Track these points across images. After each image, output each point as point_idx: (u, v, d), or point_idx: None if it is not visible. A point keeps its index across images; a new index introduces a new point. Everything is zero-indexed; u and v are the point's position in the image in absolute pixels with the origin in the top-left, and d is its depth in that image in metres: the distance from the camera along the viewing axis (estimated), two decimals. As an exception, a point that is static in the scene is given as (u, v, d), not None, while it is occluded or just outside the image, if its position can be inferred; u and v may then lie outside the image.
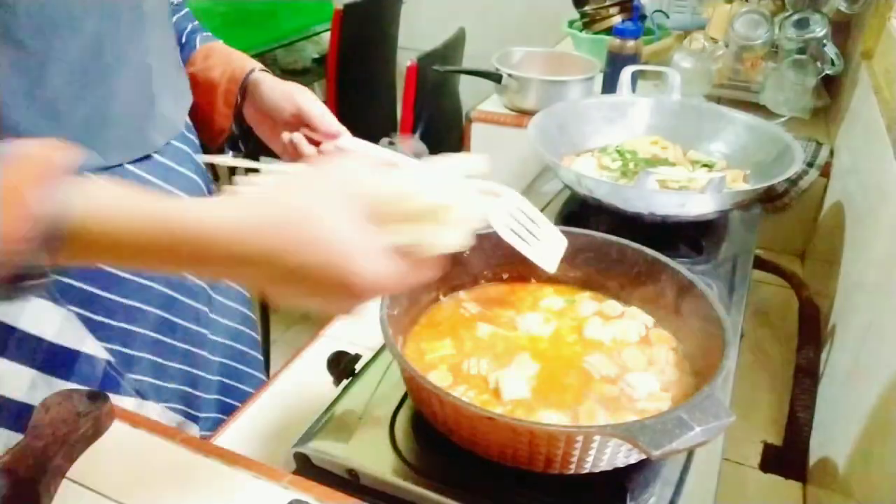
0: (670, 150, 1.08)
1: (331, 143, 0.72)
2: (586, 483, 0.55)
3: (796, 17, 1.32)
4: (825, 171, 1.20)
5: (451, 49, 1.93)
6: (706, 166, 1.05)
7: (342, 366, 0.69)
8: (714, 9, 1.50)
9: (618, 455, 0.53)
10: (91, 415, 0.58)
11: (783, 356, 0.95)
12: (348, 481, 0.58)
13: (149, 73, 0.67)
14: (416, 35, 2.38)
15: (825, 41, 1.31)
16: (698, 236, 0.93)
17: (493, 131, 1.46)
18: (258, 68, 0.78)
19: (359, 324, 0.91)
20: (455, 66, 1.90)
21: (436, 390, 0.53)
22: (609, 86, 1.40)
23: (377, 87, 2.43)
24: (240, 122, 0.79)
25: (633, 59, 1.39)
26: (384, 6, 2.40)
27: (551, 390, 0.61)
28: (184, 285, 0.73)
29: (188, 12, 0.82)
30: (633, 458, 0.54)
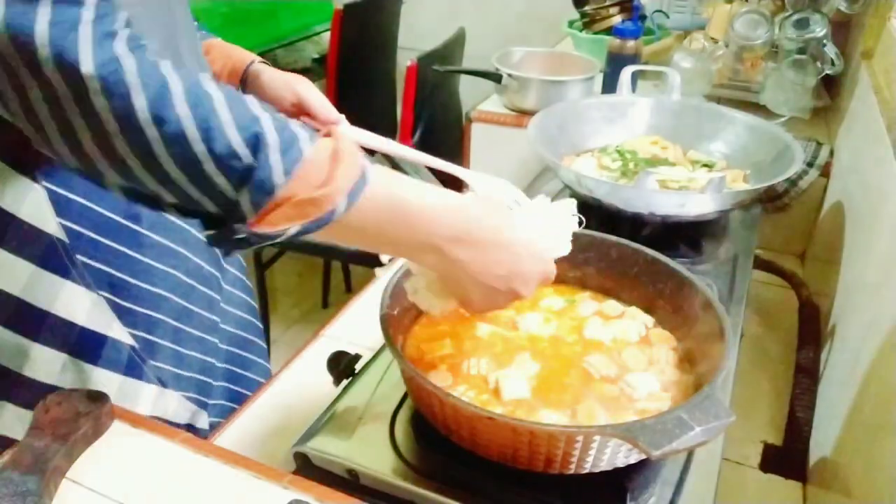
0: (670, 150, 1.08)
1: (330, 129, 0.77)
2: (586, 483, 0.55)
3: (796, 17, 1.32)
4: (825, 171, 1.20)
5: (451, 49, 1.93)
6: (706, 166, 1.05)
7: (342, 366, 0.69)
8: (714, 9, 1.50)
9: (618, 455, 0.53)
10: (91, 415, 0.58)
11: (783, 356, 0.95)
12: (348, 481, 0.58)
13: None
14: (416, 35, 2.39)
15: (825, 41, 1.31)
16: (698, 236, 0.93)
17: (493, 131, 1.46)
18: (257, 60, 0.81)
19: (359, 324, 0.92)
20: (455, 66, 1.90)
21: (436, 390, 0.53)
22: (609, 86, 1.41)
23: (377, 87, 2.43)
24: None
25: (633, 59, 1.39)
26: (384, 6, 2.41)
27: (551, 390, 0.61)
28: (200, 273, 0.74)
29: (188, 14, 0.83)
30: (633, 458, 0.54)
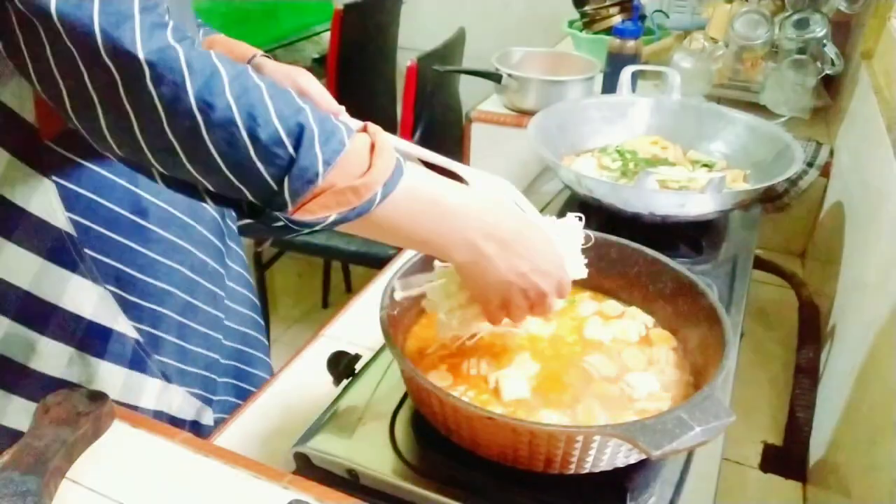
0: (670, 150, 1.08)
1: None
2: (586, 483, 0.55)
3: (796, 17, 1.32)
4: (825, 171, 1.20)
5: (451, 49, 1.93)
6: (706, 166, 1.05)
7: (342, 366, 0.69)
8: (714, 9, 1.49)
9: (618, 455, 0.53)
10: (91, 415, 0.58)
11: (783, 356, 0.95)
12: (348, 481, 0.58)
13: None
14: (416, 35, 2.38)
15: (825, 41, 1.31)
16: (698, 236, 0.93)
17: (493, 131, 1.46)
18: (259, 54, 0.82)
19: (359, 324, 0.92)
20: (455, 66, 1.89)
21: (436, 390, 0.53)
22: (609, 86, 1.41)
23: (377, 87, 2.43)
24: None
25: (633, 59, 1.39)
26: (384, 6, 2.40)
27: (551, 390, 0.61)
28: (205, 269, 0.74)
29: (191, 11, 0.84)
30: (633, 458, 0.54)
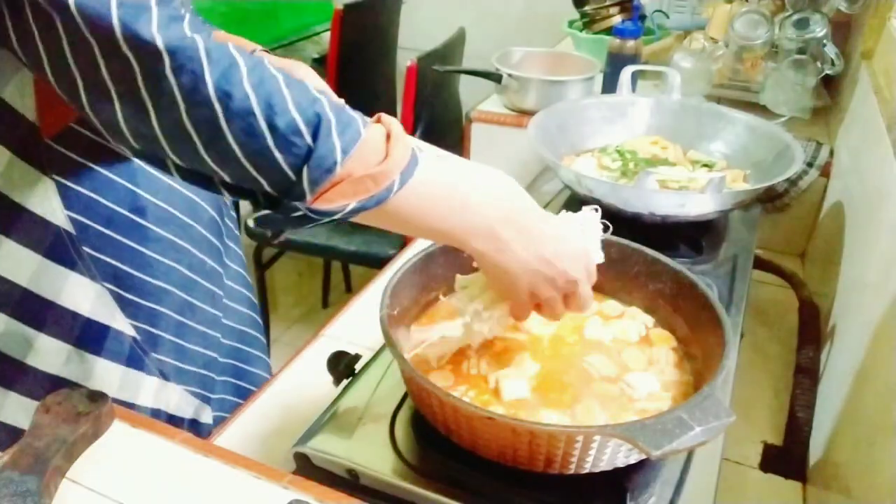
0: (670, 150, 1.08)
1: None
2: (586, 483, 0.55)
3: (796, 17, 1.32)
4: (825, 171, 1.20)
5: (451, 49, 1.93)
6: (706, 166, 1.05)
7: (342, 366, 0.69)
8: (714, 9, 1.49)
9: (618, 455, 0.53)
10: (91, 415, 0.58)
11: (783, 356, 0.95)
12: (348, 481, 0.58)
13: None
14: (416, 35, 2.38)
15: (825, 41, 1.31)
16: (698, 236, 0.93)
17: (493, 131, 1.46)
18: (259, 49, 0.82)
19: (359, 324, 0.92)
20: (455, 66, 1.89)
21: (436, 390, 0.53)
22: (609, 86, 1.40)
23: (377, 87, 2.43)
24: None
25: (633, 59, 1.39)
26: (384, 6, 2.40)
27: (551, 390, 0.61)
28: (203, 268, 0.74)
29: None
30: (633, 458, 0.54)
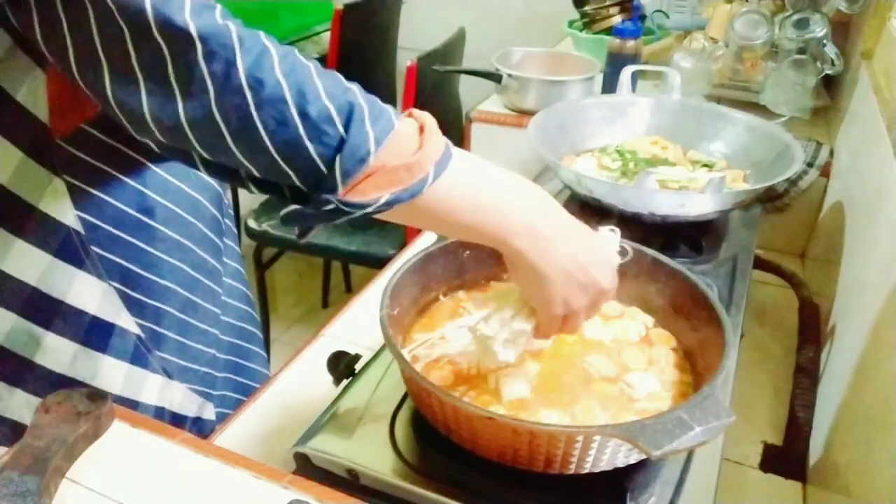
0: (670, 150, 1.08)
1: None
2: (586, 483, 0.55)
3: (796, 17, 1.32)
4: (825, 171, 1.20)
5: (451, 49, 1.93)
6: (706, 166, 1.05)
7: (342, 366, 0.69)
8: (714, 9, 1.49)
9: (618, 455, 0.53)
10: (91, 415, 0.58)
11: (783, 356, 0.95)
12: (348, 481, 0.58)
13: None
14: (416, 35, 2.38)
15: (825, 41, 1.31)
16: (698, 236, 0.93)
17: (493, 131, 1.46)
18: None
19: (359, 324, 0.92)
20: (455, 66, 1.89)
21: (436, 390, 0.53)
22: (609, 86, 1.40)
23: (377, 87, 2.42)
24: None
25: (633, 59, 1.39)
26: (384, 6, 2.40)
27: (551, 390, 0.61)
28: (205, 267, 0.75)
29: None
30: (633, 458, 0.54)
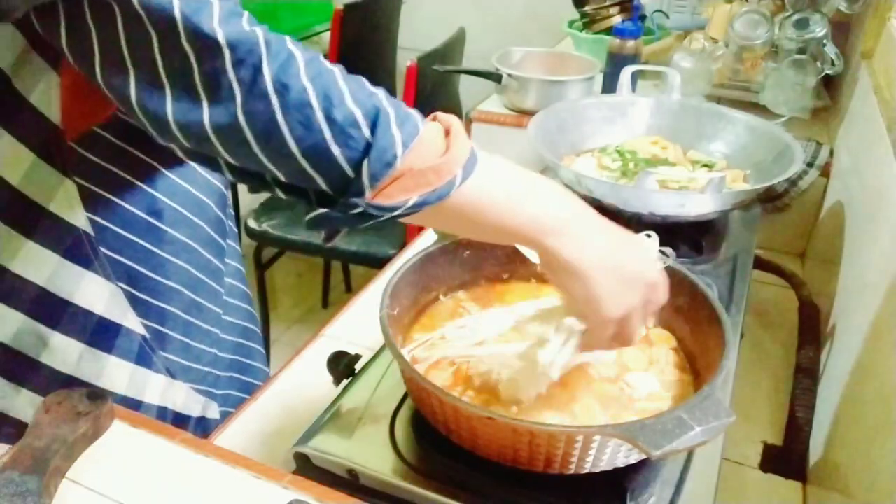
0: (670, 150, 1.08)
1: None
2: (586, 483, 0.55)
3: (796, 17, 1.32)
4: (825, 171, 1.20)
5: (451, 49, 1.92)
6: (706, 166, 1.05)
7: (342, 366, 0.69)
8: (714, 9, 1.49)
9: (618, 455, 0.53)
10: (91, 415, 0.58)
11: (783, 356, 0.95)
12: (348, 481, 0.58)
13: None
14: (416, 35, 2.38)
15: (825, 41, 1.31)
16: (698, 236, 0.92)
17: (493, 131, 1.46)
18: None
19: (359, 324, 0.92)
20: (455, 66, 1.89)
21: (436, 390, 0.53)
22: (609, 86, 1.41)
23: (377, 86, 2.43)
24: None
25: (633, 59, 1.39)
26: (384, 6, 2.40)
27: (551, 390, 0.61)
28: (208, 268, 0.75)
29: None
30: (633, 458, 0.54)
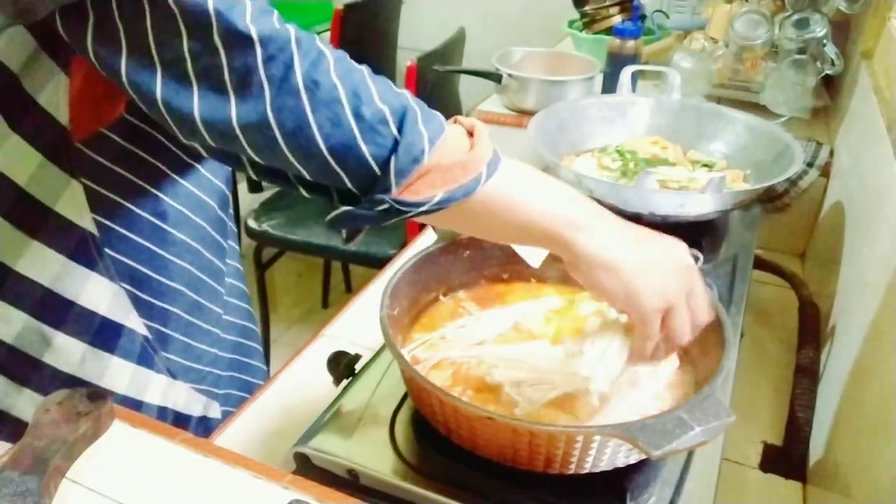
0: (670, 150, 1.08)
1: None
2: (586, 483, 0.55)
3: (796, 17, 1.32)
4: (825, 171, 1.20)
5: (451, 49, 1.93)
6: (706, 166, 1.05)
7: (342, 366, 0.69)
8: (714, 9, 1.49)
9: (618, 455, 0.53)
10: (91, 415, 0.58)
11: (783, 356, 0.95)
12: (348, 481, 0.58)
13: None
14: (416, 35, 2.38)
15: (825, 41, 1.31)
16: (698, 236, 0.93)
17: (493, 131, 1.44)
18: None
19: (359, 324, 0.92)
20: (455, 66, 1.89)
21: (436, 390, 0.53)
22: (609, 86, 1.41)
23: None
24: None
25: (633, 59, 1.39)
26: (384, 6, 2.40)
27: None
28: (210, 268, 0.75)
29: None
30: (633, 458, 0.54)
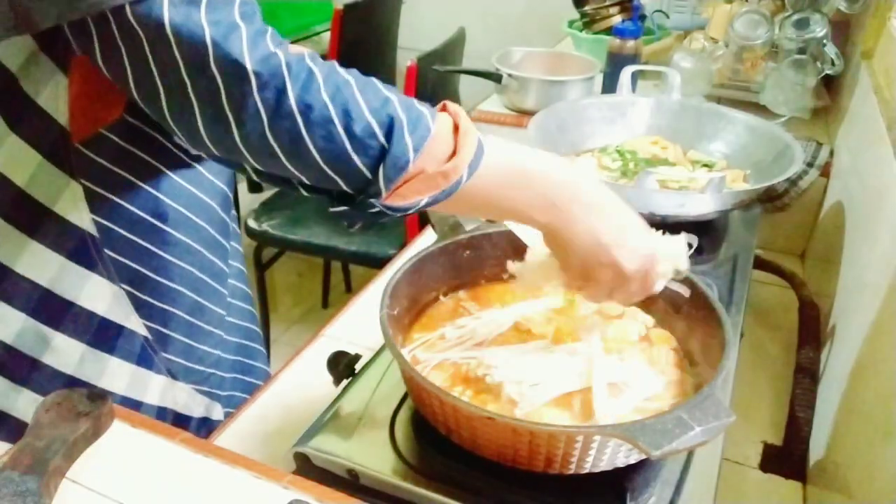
0: (670, 150, 1.08)
1: None
2: (586, 483, 0.55)
3: (796, 17, 1.32)
4: (825, 171, 1.20)
5: (451, 49, 1.93)
6: (706, 166, 1.05)
7: (342, 366, 0.69)
8: (714, 9, 1.49)
9: (618, 455, 0.53)
10: (91, 415, 0.58)
11: (783, 356, 0.95)
12: (348, 481, 0.58)
13: None
14: (416, 35, 2.38)
15: (825, 41, 1.31)
16: (698, 236, 0.92)
17: (493, 131, 1.45)
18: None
19: (359, 324, 0.92)
20: (455, 66, 1.89)
21: (436, 390, 0.53)
22: (609, 86, 1.41)
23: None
24: None
25: (633, 59, 1.39)
26: (384, 6, 2.40)
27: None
28: (212, 269, 0.75)
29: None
30: (633, 458, 0.54)
